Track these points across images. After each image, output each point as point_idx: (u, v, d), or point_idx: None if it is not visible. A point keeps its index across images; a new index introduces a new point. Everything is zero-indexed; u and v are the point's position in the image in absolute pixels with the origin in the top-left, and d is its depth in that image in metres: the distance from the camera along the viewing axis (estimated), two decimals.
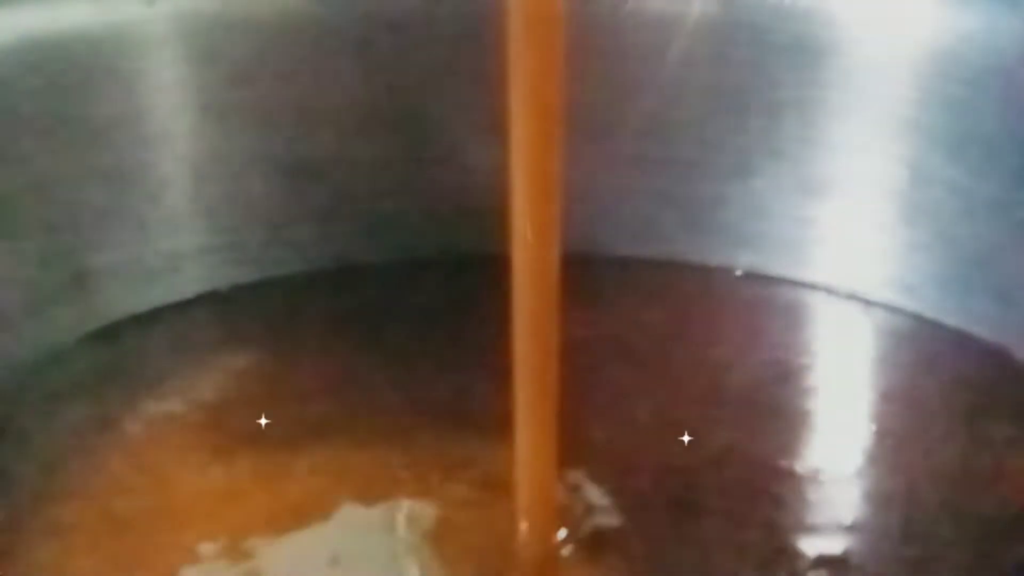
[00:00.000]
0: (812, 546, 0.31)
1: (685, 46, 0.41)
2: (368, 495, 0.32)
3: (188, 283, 0.41)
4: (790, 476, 0.33)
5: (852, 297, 0.41)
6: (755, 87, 0.41)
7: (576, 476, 0.32)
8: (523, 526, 0.29)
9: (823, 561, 0.30)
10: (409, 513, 0.31)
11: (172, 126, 0.41)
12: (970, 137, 0.39)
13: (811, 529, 0.31)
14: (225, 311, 0.40)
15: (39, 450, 0.34)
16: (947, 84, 0.39)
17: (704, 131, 0.42)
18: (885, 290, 0.40)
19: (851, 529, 0.31)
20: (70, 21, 0.39)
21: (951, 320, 0.39)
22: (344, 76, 0.42)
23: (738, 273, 0.42)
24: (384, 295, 0.41)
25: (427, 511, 0.31)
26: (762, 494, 0.32)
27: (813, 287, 0.41)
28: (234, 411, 0.35)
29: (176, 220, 0.41)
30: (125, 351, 0.38)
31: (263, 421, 0.34)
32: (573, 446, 0.29)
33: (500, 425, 0.29)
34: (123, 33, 0.39)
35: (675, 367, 0.37)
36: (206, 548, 0.30)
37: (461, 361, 0.37)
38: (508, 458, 0.29)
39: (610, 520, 0.31)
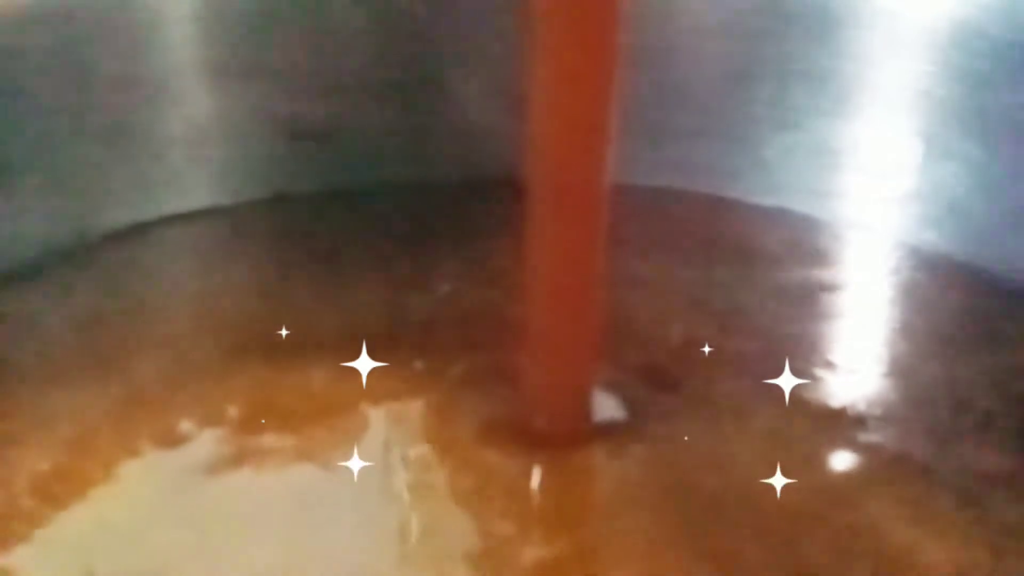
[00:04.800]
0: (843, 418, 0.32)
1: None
2: (370, 398, 0.32)
3: (189, 239, 0.40)
4: (806, 376, 0.33)
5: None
6: (767, 57, 0.41)
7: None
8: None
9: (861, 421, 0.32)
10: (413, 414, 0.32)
11: (177, 85, 0.40)
12: (986, 111, 0.38)
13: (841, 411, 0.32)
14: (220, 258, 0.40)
15: None
16: (964, 57, 0.38)
17: (714, 101, 0.41)
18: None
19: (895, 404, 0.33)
20: None
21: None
22: (356, 38, 0.41)
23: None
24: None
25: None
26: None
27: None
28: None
29: (179, 180, 0.40)
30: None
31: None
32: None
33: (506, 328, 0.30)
34: None
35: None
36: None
37: (461, 273, 0.37)
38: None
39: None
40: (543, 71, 0.28)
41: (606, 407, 0.32)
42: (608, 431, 0.31)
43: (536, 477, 0.30)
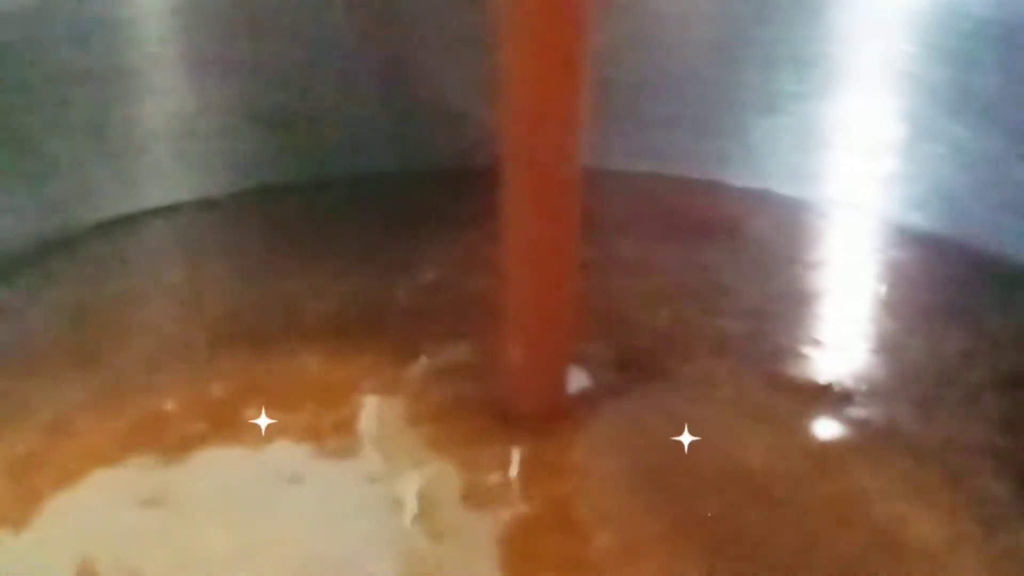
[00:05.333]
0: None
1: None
2: (355, 383, 0.32)
3: (174, 230, 0.40)
4: (792, 353, 0.33)
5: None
6: (753, 41, 0.41)
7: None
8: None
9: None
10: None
11: (158, 79, 0.40)
12: (970, 91, 0.38)
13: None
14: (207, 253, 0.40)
15: None
16: (947, 37, 0.38)
17: (701, 87, 0.41)
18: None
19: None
20: None
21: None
22: (338, 28, 0.41)
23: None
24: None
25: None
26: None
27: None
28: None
29: (163, 173, 0.40)
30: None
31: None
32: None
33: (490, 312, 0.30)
34: None
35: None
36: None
37: (446, 260, 0.37)
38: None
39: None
40: (511, 55, 0.28)
41: (586, 386, 0.32)
42: (589, 410, 0.31)
43: (513, 456, 0.30)
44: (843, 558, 0.27)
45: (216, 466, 0.30)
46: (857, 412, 0.31)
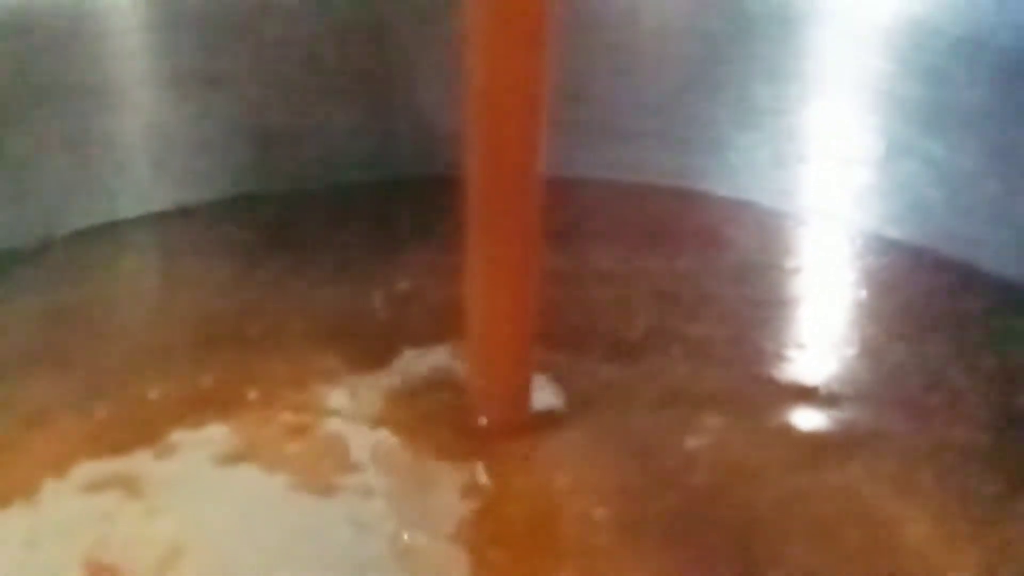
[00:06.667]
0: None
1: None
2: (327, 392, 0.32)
3: (153, 240, 0.40)
4: (777, 357, 0.34)
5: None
6: (729, 58, 0.41)
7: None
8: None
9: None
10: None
11: (137, 93, 0.40)
12: (945, 108, 0.39)
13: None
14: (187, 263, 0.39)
15: None
16: (922, 54, 0.39)
17: (677, 104, 0.41)
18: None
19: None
20: None
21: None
22: (316, 42, 0.41)
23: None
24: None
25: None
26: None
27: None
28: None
29: (142, 185, 0.40)
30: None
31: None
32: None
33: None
34: None
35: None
36: None
37: (422, 270, 0.37)
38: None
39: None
40: (474, 64, 0.28)
41: (558, 394, 0.32)
42: (560, 419, 0.31)
43: (475, 469, 0.30)
44: (839, 558, 0.27)
45: (179, 455, 0.30)
46: (845, 414, 0.31)
